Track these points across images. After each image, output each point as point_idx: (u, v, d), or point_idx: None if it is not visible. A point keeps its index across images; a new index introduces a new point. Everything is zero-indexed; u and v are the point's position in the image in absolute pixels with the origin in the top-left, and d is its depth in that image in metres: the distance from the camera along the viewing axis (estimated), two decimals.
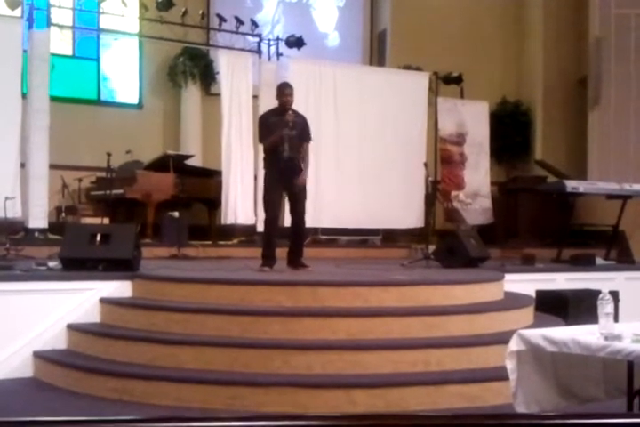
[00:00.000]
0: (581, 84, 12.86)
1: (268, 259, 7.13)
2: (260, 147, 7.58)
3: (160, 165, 10.38)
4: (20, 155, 8.89)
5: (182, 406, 4.87)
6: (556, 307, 7.11)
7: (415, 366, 5.24)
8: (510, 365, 3.76)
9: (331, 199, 10.58)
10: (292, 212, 7.28)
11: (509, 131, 13.37)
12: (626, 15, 12.11)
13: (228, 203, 10.32)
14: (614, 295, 5.15)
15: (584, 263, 8.63)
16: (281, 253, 7.31)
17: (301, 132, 7.19)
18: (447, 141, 11.81)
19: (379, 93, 11.06)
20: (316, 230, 11.00)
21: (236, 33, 10.72)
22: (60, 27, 10.57)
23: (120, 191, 9.94)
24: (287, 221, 7.79)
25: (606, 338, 3.47)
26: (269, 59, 10.95)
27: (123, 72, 12.69)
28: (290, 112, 7.10)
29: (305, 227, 7.44)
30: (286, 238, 7.45)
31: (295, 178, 7.09)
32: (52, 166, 9.35)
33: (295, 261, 7.28)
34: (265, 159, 7.31)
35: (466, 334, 5.67)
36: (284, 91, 7.19)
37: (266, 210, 7.23)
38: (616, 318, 4.20)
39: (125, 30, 11.77)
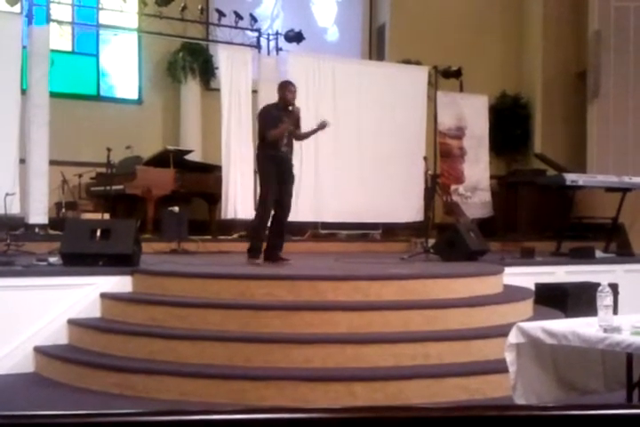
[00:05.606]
0: (580, 77, 12.85)
1: (259, 252, 7.26)
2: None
3: (160, 160, 10.39)
4: (19, 151, 8.90)
5: (183, 401, 4.89)
6: (555, 300, 7.13)
7: (415, 360, 5.25)
8: (510, 357, 3.77)
9: (330, 194, 10.58)
10: (281, 206, 7.28)
11: (509, 124, 13.36)
12: (625, 8, 12.10)
13: (228, 198, 10.32)
14: (613, 288, 5.15)
15: (583, 256, 8.63)
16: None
17: (295, 126, 7.37)
18: (446, 135, 11.80)
19: (378, 88, 11.05)
20: (315, 225, 11.01)
21: (236, 28, 10.70)
22: (60, 23, 10.57)
23: (120, 187, 9.95)
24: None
25: (605, 330, 3.48)
26: (269, 53, 10.95)
27: (122, 68, 12.67)
28: (291, 108, 7.22)
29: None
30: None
31: (288, 174, 7.22)
32: (52, 162, 9.35)
33: (276, 255, 7.32)
34: (260, 152, 7.30)
35: (465, 328, 5.69)
36: (288, 87, 7.30)
37: (264, 203, 7.25)
38: (615, 311, 4.20)
39: (125, 26, 11.77)
